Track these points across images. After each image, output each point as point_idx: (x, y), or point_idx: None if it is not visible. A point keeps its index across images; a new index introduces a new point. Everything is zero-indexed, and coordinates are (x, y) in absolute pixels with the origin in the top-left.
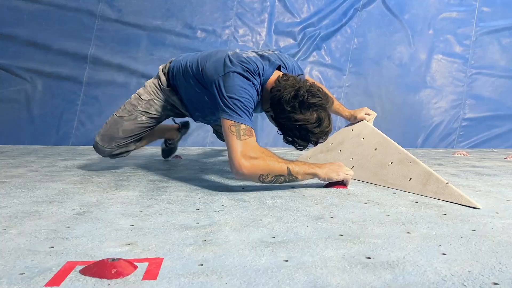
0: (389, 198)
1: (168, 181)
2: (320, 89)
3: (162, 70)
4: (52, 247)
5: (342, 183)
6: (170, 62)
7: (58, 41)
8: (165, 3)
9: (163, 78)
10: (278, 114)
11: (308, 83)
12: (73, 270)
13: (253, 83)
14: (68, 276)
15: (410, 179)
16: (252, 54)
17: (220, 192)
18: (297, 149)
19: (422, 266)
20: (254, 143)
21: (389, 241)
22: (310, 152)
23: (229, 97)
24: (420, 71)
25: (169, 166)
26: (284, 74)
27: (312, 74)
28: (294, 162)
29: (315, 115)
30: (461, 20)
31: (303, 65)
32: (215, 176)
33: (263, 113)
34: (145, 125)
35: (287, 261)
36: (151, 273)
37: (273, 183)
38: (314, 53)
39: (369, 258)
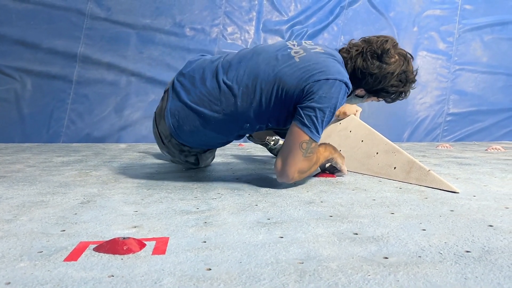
0: (375, 185)
1: (165, 174)
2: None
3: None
4: (64, 230)
5: (331, 173)
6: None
7: (47, 40)
8: (154, 1)
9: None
10: (369, 85)
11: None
12: (87, 248)
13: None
14: (83, 253)
15: (394, 168)
16: (319, 49)
17: (216, 182)
18: (399, 99)
19: (403, 239)
20: (313, 158)
21: (375, 220)
22: None
23: (319, 109)
24: None
25: (163, 160)
26: (342, 51)
27: None
28: (321, 152)
29: (397, 56)
30: (444, 18)
31: None
32: (209, 168)
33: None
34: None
35: (282, 237)
36: (160, 249)
37: None
38: None
39: (356, 234)
